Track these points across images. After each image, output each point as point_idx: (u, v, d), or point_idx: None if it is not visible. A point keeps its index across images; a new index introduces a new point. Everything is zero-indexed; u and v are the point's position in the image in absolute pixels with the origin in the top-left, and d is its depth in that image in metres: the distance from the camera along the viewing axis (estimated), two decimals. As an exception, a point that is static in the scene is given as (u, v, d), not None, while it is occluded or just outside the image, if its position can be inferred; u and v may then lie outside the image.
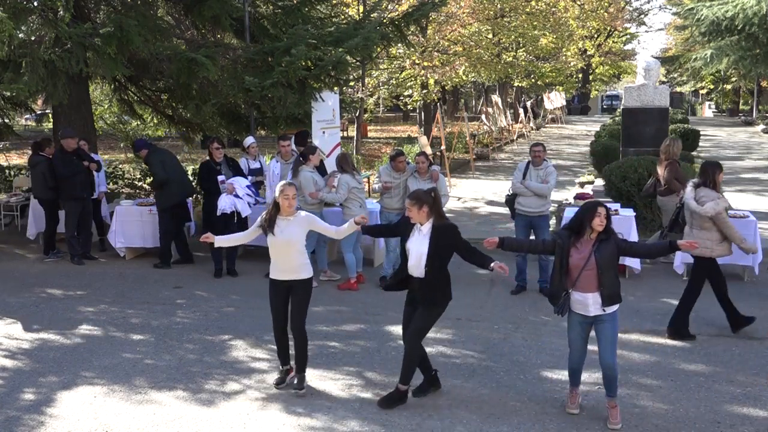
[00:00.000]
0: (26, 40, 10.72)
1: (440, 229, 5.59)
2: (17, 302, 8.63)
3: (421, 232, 5.64)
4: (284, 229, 5.87)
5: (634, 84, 13.18)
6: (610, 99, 56.49)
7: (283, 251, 5.90)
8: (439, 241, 5.55)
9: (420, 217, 5.60)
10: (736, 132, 32.85)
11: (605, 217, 5.26)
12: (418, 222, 5.64)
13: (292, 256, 5.91)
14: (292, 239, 5.87)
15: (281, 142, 9.78)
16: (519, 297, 8.59)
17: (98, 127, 18.52)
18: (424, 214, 5.59)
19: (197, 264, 10.29)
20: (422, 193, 5.69)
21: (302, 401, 5.84)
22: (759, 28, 18.56)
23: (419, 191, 5.77)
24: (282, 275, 5.96)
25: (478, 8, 23.70)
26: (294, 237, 5.88)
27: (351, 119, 27.40)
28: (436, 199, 5.66)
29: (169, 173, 9.98)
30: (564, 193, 15.55)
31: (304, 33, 10.69)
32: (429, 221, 5.62)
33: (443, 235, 5.58)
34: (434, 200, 5.64)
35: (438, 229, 5.59)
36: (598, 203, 5.38)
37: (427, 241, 5.56)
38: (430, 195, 5.66)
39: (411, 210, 5.61)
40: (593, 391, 5.97)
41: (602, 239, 5.29)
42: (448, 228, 5.63)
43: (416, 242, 5.63)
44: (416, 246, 5.61)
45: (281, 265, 5.95)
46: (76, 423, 5.53)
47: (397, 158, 9.02)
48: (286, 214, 5.90)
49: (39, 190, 10.59)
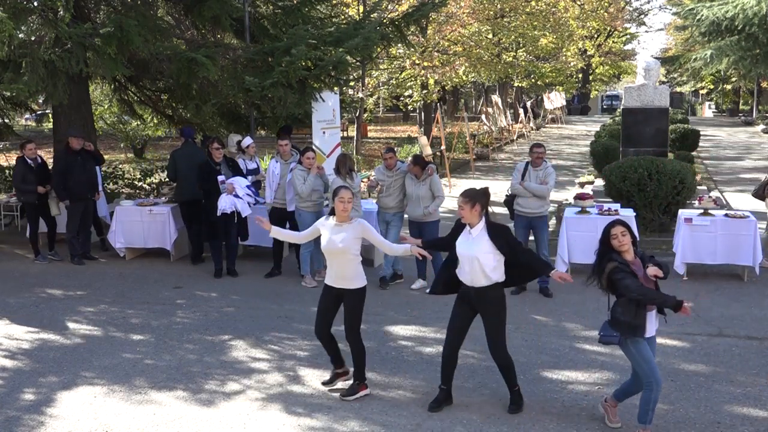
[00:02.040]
0: (26, 40, 10.72)
1: (494, 228, 5.34)
2: (17, 302, 8.63)
3: (470, 235, 5.36)
4: (338, 236, 5.67)
5: (634, 84, 13.18)
6: (610, 99, 56.47)
7: (337, 258, 5.70)
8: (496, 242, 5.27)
9: (471, 217, 5.33)
10: (736, 132, 32.85)
11: (622, 234, 4.99)
12: (469, 223, 5.36)
13: (345, 264, 5.70)
14: (345, 246, 5.64)
15: (280, 142, 9.79)
16: (519, 297, 8.59)
17: (98, 127, 18.52)
18: (476, 213, 5.33)
19: (197, 264, 10.29)
20: (475, 191, 5.40)
21: (302, 401, 5.84)
22: (759, 28, 18.56)
23: (473, 189, 5.45)
24: (333, 282, 5.79)
25: (478, 8, 23.71)
26: (347, 244, 5.65)
27: (351, 119, 27.42)
28: (488, 199, 5.40)
29: (186, 171, 10.10)
30: (564, 193, 15.55)
31: (304, 33, 10.68)
32: (482, 222, 5.35)
33: (497, 233, 5.31)
34: (487, 199, 5.39)
35: (492, 227, 5.33)
36: (611, 224, 5.09)
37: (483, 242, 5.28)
38: (483, 194, 5.38)
39: (462, 207, 5.31)
40: (593, 391, 5.97)
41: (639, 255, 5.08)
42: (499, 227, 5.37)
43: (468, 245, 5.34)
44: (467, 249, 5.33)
45: (332, 272, 5.78)
46: (76, 423, 5.53)
47: (385, 155, 9.02)
48: (341, 220, 5.72)
49: (18, 191, 10.64)
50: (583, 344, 7.04)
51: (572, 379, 6.22)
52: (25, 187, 10.29)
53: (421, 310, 8.08)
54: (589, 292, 8.74)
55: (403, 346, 6.94)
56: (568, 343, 7.05)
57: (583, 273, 9.36)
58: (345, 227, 5.70)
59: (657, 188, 11.01)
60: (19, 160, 10.41)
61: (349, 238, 5.66)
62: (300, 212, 9.15)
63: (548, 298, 8.53)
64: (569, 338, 7.20)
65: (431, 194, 8.79)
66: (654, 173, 11.10)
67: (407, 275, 9.27)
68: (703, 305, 8.11)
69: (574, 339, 7.18)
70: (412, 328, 7.50)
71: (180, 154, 10.42)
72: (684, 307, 4.90)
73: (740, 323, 7.55)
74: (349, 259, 5.68)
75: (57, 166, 10.36)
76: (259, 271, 9.74)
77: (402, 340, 7.19)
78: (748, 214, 9.40)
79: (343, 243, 5.64)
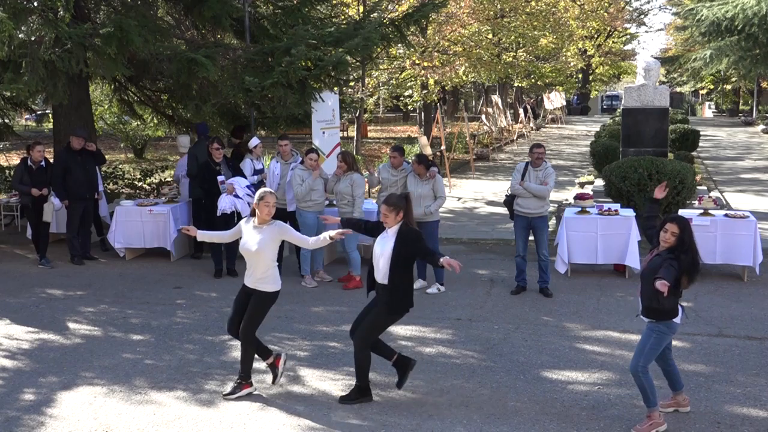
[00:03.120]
0: (26, 40, 10.71)
1: (406, 233, 5.63)
2: (17, 302, 8.63)
3: (387, 235, 5.70)
4: (255, 237, 5.81)
5: (634, 84, 13.18)
6: (610, 99, 56.48)
7: (252, 259, 5.84)
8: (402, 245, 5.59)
9: (395, 221, 5.65)
10: (736, 132, 32.86)
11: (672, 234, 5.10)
12: (389, 226, 5.69)
13: (259, 265, 5.83)
14: (261, 248, 5.79)
15: (280, 142, 9.79)
16: (519, 297, 8.59)
17: (98, 127, 18.52)
18: (399, 219, 5.65)
19: (197, 264, 10.29)
20: (398, 198, 5.73)
21: (302, 401, 5.85)
22: (759, 28, 18.57)
23: (395, 196, 5.80)
24: (248, 282, 5.93)
25: (478, 8, 23.69)
26: (261, 246, 5.78)
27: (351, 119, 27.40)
28: (409, 205, 5.72)
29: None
30: (564, 193, 15.55)
31: (304, 33, 10.68)
32: (397, 225, 5.67)
33: (408, 238, 5.61)
34: (408, 207, 5.70)
35: (403, 233, 5.63)
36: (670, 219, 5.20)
37: (391, 243, 5.63)
38: (404, 199, 5.72)
39: (387, 216, 5.64)
40: (593, 391, 5.98)
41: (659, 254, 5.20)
42: (413, 233, 5.68)
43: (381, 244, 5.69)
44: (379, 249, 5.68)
45: (249, 272, 5.91)
46: (76, 423, 5.53)
47: (391, 153, 9.04)
48: (260, 222, 5.86)
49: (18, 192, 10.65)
50: (583, 344, 7.05)
51: (572, 379, 6.22)
52: (21, 189, 10.26)
53: (421, 310, 8.07)
54: (589, 292, 8.79)
55: (403, 347, 6.94)
56: (568, 343, 7.06)
57: (583, 273, 9.44)
58: (264, 229, 5.83)
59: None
60: (21, 160, 10.39)
61: (266, 239, 5.79)
62: (301, 212, 9.16)
63: (548, 298, 8.53)
64: (569, 338, 7.21)
65: (433, 194, 8.80)
66: (654, 173, 11.11)
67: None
68: (703, 305, 8.11)
69: (574, 339, 7.18)
70: (412, 328, 7.50)
71: (198, 151, 10.62)
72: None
73: (740, 323, 7.56)
74: (263, 260, 5.80)
75: (57, 165, 10.36)
76: (259, 271, 9.74)
77: (402, 340, 7.19)
78: (748, 214, 9.41)
79: (258, 245, 5.76)
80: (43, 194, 10.18)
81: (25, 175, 10.17)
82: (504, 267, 9.83)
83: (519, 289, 8.75)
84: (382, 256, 5.63)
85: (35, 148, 10.24)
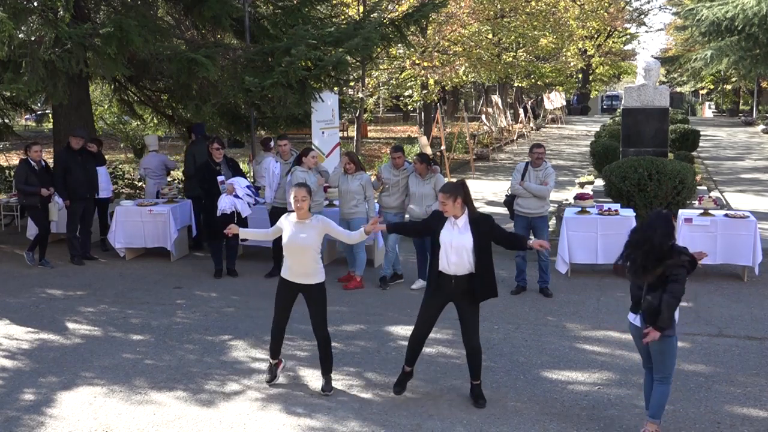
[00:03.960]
0: (26, 40, 10.70)
1: (478, 220, 5.56)
2: (17, 302, 8.63)
3: (456, 226, 5.56)
4: (301, 233, 5.80)
5: (634, 84, 13.18)
6: (610, 99, 56.49)
7: (298, 254, 5.82)
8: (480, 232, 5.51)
9: (455, 209, 5.53)
10: (736, 132, 32.87)
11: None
12: (453, 215, 5.56)
13: (306, 260, 5.82)
14: (306, 244, 5.79)
15: (280, 142, 9.79)
16: (519, 297, 8.59)
17: (98, 127, 18.51)
18: (458, 205, 5.53)
19: (197, 264, 10.29)
20: (453, 185, 5.61)
21: (302, 401, 5.85)
22: (759, 28, 18.58)
23: (450, 183, 5.69)
24: (294, 278, 5.89)
25: (478, 8, 23.69)
26: (308, 241, 5.79)
27: (351, 119, 27.40)
28: (467, 191, 5.60)
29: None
30: (564, 193, 15.56)
31: (304, 33, 10.68)
32: (465, 213, 5.57)
33: (482, 224, 5.54)
34: (466, 192, 5.58)
35: (476, 221, 5.55)
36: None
37: (468, 233, 5.51)
38: (460, 186, 5.58)
39: (445, 203, 5.52)
40: (593, 391, 5.98)
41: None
42: (484, 218, 5.60)
43: (453, 236, 5.54)
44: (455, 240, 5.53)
45: (295, 269, 5.88)
46: (76, 423, 5.53)
47: (393, 153, 9.03)
48: (300, 218, 5.85)
49: (20, 193, 10.62)
50: (583, 344, 7.05)
51: (572, 379, 6.22)
52: (27, 189, 10.22)
53: (421, 310, 8.07)
54: (589, 292, 8.78)
55: (403, 346, 6.91)
56: (568, 343, 7.06)
57: (584, 273, 9.44)
58: (306, 224, 5.83)
59: (657, 188, 11.02)
60: (22, 161, 10.35)
61: (312, 235, 5.80)
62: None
63: (548, 298, 8.53)
64: (569, 338, 7.21)
65: (434, 194, 8.79)
66: (654, 173, 11.10)
67: (407, 275, 9.28)
68: (703, 305, 8.11)
69: (574, 339, 7.18)
70: (412, 329, 7.48)
71: (196, 150, 10.72)
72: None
73: (740, 323, 7.56)
74: (311, 254, 5.81)
75: (57, 165, 10.37)
76: (259, 271, 9.74)
77: (402, 340, 7.18)
78: (748, 214, 9.41)
79: (305, 241, 5.77)
80: (51, 194, 10.22)
81: (31, 176, 10.16)
82: (504, 267, 9.82)
83: (519, 289, 8.75)
84: (461, 248, 5.49)
85: (32, 148, 10.23)
